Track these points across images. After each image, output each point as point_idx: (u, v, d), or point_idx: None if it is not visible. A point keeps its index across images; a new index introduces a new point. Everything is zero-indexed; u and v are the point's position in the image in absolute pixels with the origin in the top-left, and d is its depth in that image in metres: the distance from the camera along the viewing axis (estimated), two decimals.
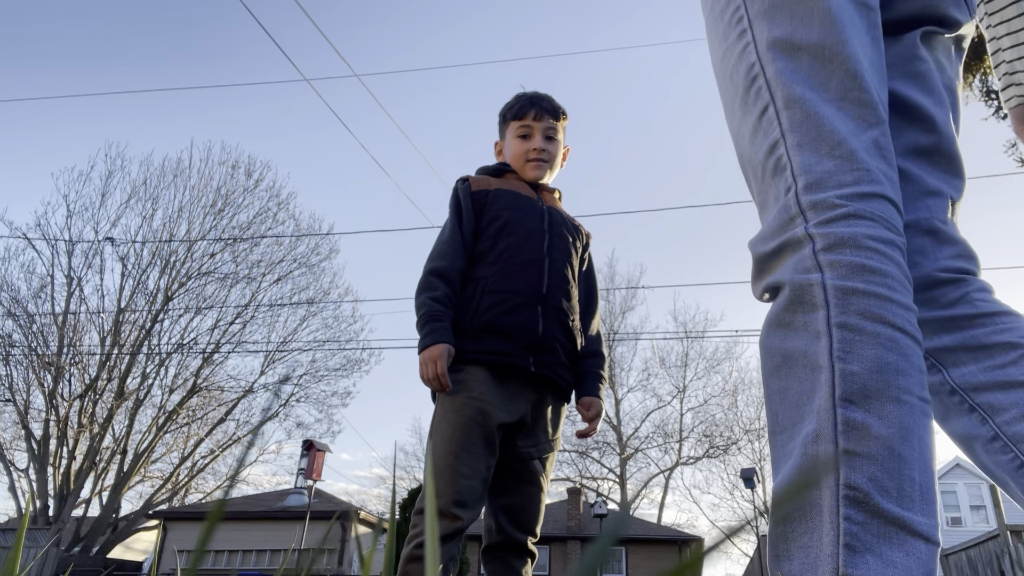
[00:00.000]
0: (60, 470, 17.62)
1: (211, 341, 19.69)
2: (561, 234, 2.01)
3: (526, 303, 1.86)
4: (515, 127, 2.08)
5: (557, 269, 1.94)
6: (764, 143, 1.04)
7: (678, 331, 33.12)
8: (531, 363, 1.82)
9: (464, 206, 1.99)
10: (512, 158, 2.08)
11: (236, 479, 0.27)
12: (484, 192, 2.01)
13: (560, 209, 2.10)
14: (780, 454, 0.90)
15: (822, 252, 0.93)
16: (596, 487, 31.85)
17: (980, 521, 18.82)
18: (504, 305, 1.85)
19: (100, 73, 38.04)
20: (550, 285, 1.91)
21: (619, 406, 32.67)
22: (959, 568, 8.66)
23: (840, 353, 0.86)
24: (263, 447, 20.69)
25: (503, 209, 1.98)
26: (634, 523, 23.99)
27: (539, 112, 2.06)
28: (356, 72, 10.81)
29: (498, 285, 1.87)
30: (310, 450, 15.18)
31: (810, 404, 0.87)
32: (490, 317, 1.84)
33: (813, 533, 0.83)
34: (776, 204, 1.01)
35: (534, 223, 1.98)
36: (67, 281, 18.90)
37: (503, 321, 1.83)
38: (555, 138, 2.09)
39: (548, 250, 1.96)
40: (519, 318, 1.84)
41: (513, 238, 1.94)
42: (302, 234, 21.16)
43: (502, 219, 1.96)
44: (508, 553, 1.80)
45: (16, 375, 18.13)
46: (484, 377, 1.79)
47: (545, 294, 1.89)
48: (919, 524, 0.79)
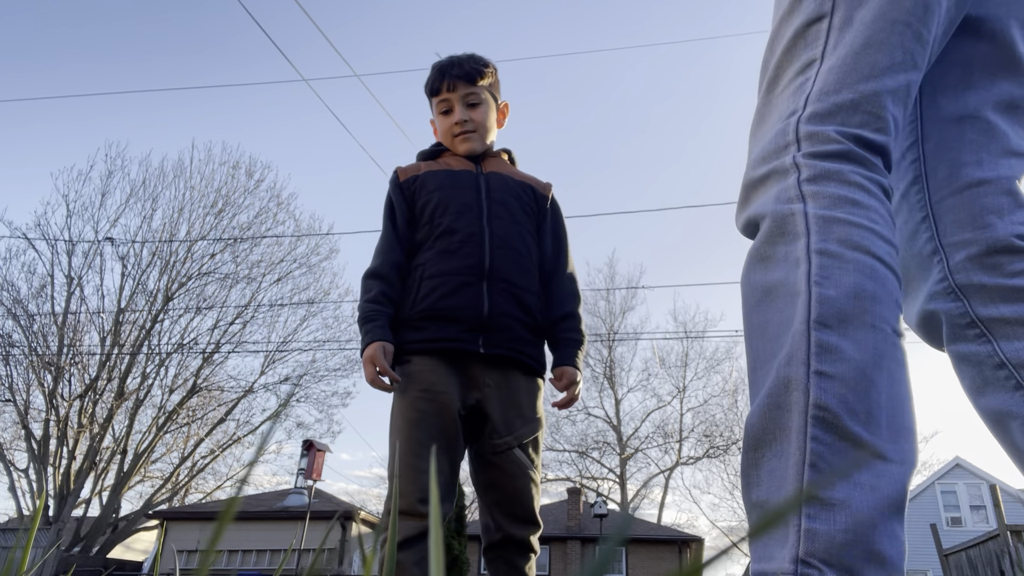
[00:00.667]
0: (60, 470, 17.62)
1: (211, 341, 19.71)
2: (503, 200, 1.88)
3: (468, 282, 1.76)
4: (435, 104, 1.96)
5: (501, 239, 1.82)
6: (801, 56, 0.99)
7: (678, 331, 33.14)
8: (480, 344, 1.73)
9: (395, 198, 1.92)
10: (442, 136, 1.97)
11: (245, 481, 0.27)
12: (413, 179, 1.92)
13: (507, 172, 1.96)
14: (757, 390, 0.87)
15: (806, 183, 0.90)
16: (596, 487, 31.85)
17: (980, 521, 18.83)
18: (443, 288, 1.76)
19: (100, 73, 38.02)
20: (494, 258, 1.79)
21: (619, 406, 32.67)
22: (959, 568, 8.66)
23: (818, 278, 0.84)
24: (264, 448, 20.67)
25: (433, 191, 1.88)
26: (634, 523, 23.99)
27: (451, 82, 1.91)
28: (356, 72, 10.84)
29: (435, 269, 1.79)
30: (310, 450, 15.17)
31: (788, 334, 0.85)
32: (430, 303, 1.76)
33: (781, 457, 0.82)
34: (775, 127, 0.98)
35: (469, 197, 1.86)
36: (67, 281, 18.90)
37: (443, 305, 1.74)
38: (479, 102, 1.93)
39: (488, 221, 1.83)
40: (461, 299, 1.74)
41: (447, 217, 1.84)
42: (302, 234, 21.17)
43: (433, 201, 1.86)
44: (509, 551, 1.74)
45: (16, 375, 18.14)
46: (433, 366, 1.72)
47: (489, 269, 1.78)
48: (885, 449, 0.78)
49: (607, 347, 33.06)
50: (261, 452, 0.31)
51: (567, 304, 1.89)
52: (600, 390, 33.03)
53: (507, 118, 2.06)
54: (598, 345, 33.16)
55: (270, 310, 20.37)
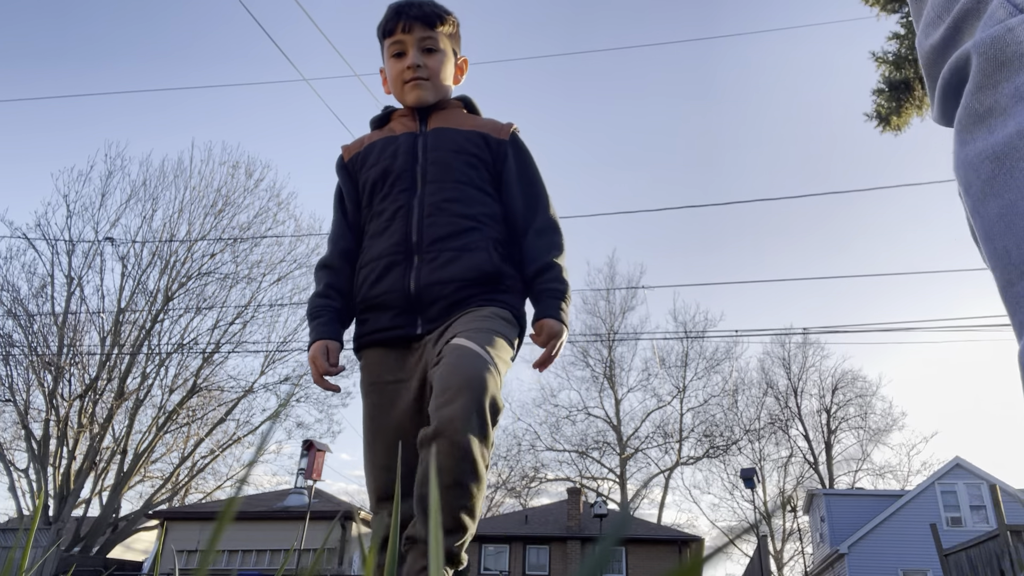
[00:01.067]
0: (60, 470, 17.62)
1: (211, 341, 19.70)
2: (441, 160, 1.67)
3: (395, 262, 1.60)
4: (387, 47, 1.75)
5: (434, 205, 1.62)
6: None
7: (678, 331, 33.15)
8: (419, 326, 1.57)
9: (341, 181, 1.79)
10: (391, 83, 1.76)
11: (245, 481, 0.27)
12: (356, 156, 1.77)
13: (456, 125, 1.74)
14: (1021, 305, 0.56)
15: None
16: (596, 487, 31.86)
17: (980, 521, 18.81)
18: (372, 275, 1.62)
19: (100, 73, 38.02)
20: (422, 228, 1.61)
21: (619, 406, 32.66)
22: (959, 568, 8.66)
23: None
24: (264, 448, 20.68)
25: (372, 166, 1.72)
26: (634, 523, 23.99)
27: (407, 22, 1.70)
28: (356, 72, 10.84)
29: (367, 255, 1.66)
30: (310, 450, 15.16)
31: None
32: (364, 293, 1.64)
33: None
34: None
35: (404, 165, 1.68)
36: (67, 281, 18.90)
37: (373, 293, 1.62)
38: (436, 49, 1.73)
39: (421, 188, 1.65)
40: (387, 283, 1.59)
41: (383, 191, 1.68)
42: (302, 234, 21.17)
43: (371, 178, 1.71)
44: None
45: (16, 375, 18.14)
46: (380, 358, 1.60)
47: (417, 241, 1.60)
48: None
49: (607, 347, 33.06)
50: (261, 452, 0.31)
51: (543, 255, 1.64)
52: (600, 390, 33.05)
53: (464, 76, 1.85)
54: (598, 345, 33.15)
55: (270, 310, 20.38)
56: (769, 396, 32.74)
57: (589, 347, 33.24)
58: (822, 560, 21.62)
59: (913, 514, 19.14)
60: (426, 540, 1.33)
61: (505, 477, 31.72)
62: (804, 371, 33.07)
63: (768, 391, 32.78)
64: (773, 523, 30.80)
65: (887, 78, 9.48)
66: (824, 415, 32.12)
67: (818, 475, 31.51)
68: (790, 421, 32.37)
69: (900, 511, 19.50)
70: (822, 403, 32.44)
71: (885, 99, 9.52)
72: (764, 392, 32.81)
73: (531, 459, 32.30)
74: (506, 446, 32.11)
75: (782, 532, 31.01)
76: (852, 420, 31.89)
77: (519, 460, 32.14)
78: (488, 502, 31.32)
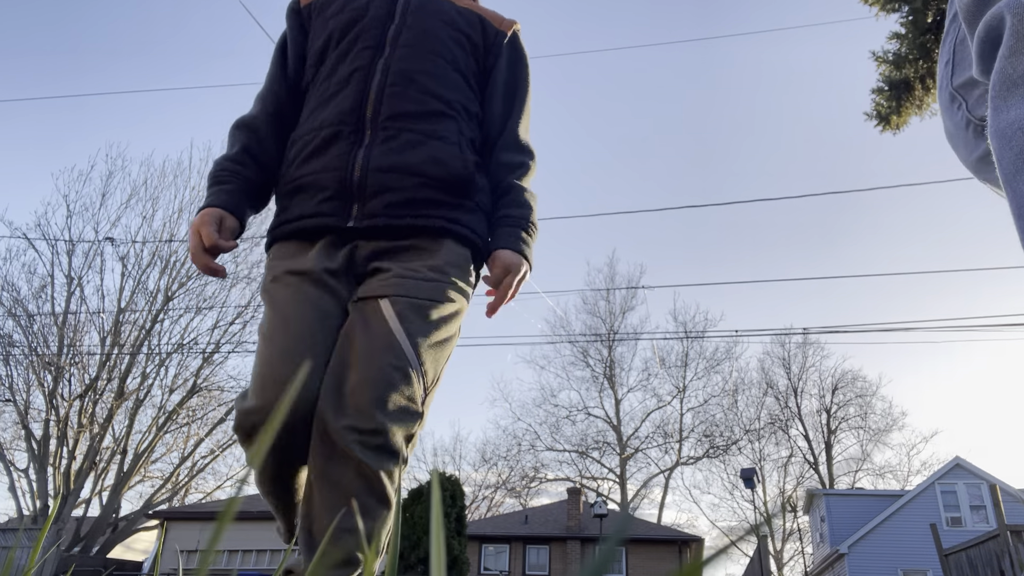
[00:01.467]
0: (60, 470, 17.62)
1: (211, 341, 19.71)
2: (424, 27, 1.36)
3: (337, 134, 1.27)
4: None
5: (401, 72, 1.30)
6: None
7: (678, 331, 33.15)
8: (351, 216, 1.23)
9: (288, 28, 1.45)
10: None
11: (245, 481, 0.27)
12: (315, 1, 1.43)
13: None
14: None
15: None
16: (596, 487, 31.86)
17: (980, 521, 18.82)
18: (307, 149, 1.29)
19: (100, 73, 38.02)
20: (382, 97, 1.28)
21: (619, 406, 32.68)
22: (959, 568, 8.66)
23: None
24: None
25: (334, 15, 1.38)
26: (634, 523, 23.99)
27: None
28: None
29: (305, 127, 1.33)
30: None
31: None
32: (290, 172, 1.31)
33: None
34: None
35: (374, 22, 1.35)
36: (67, 281, 18.91)
37: (301, 172, 1.29)
38: None
39: (392, 43, 1.33)
40: (322, 160, 1.27)
41: (338, 48, 1.35)
42: None
43: (331, 27, 1.37)
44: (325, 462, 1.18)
45: (16, 375, 18.14)
46: (293, 251, 1.28)
47: (373, 113, 1.27)
48: None
49: (607, 347, 33.08)
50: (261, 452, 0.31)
51: (507, 175, 1.37)
52: (600, 390, 33.06)
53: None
54: (598, 345, 33.16)
55: None
56: (769, 396, 32.79)
57: (589, 347, 33.30)
58: (822, 560, 21.63)
59: (913, 514, 19.15)
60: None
61: (505, 477, 31.76)
62: (804, 371, 33.11)
63: (768, 391, 32.82)
64: (773, 523, 30.77)
65: (887, 77, 9.48)
66: (824, 415, 32.16)
67: (818, 475, 31.54)
68: (790, 421, 32.42)
69: (900, 511, 19.51)
70: (822, 403, 32.48)
71: (885, 98, 9.52)
72: (764, 392, 32.85)
73: (531, 459, 32.35)
74: (506, 446, 32.17)
75: (782, 532, 31.04)
76: (852, 420, 31.94)
77: (519, 460, 32.19)
78: (488, 502, 31.34)
